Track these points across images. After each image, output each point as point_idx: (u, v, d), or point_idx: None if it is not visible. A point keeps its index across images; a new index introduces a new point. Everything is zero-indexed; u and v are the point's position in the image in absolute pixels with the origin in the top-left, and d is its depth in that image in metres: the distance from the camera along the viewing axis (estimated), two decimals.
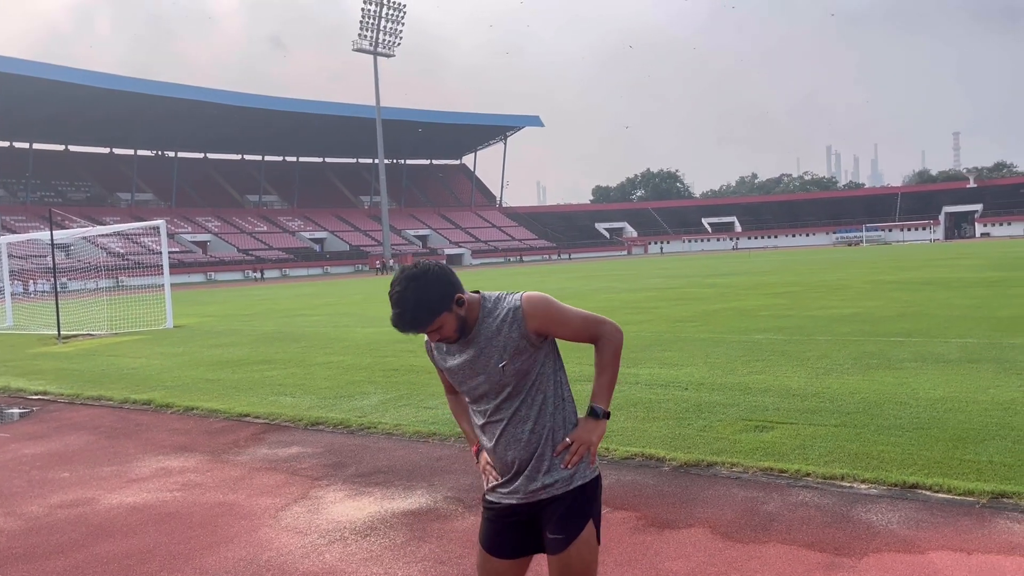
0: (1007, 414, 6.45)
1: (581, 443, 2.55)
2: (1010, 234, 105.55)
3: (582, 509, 2.55)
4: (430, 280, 2.44)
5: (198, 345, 15.67)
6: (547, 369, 2.58)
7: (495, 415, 2.57)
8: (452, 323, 2.48)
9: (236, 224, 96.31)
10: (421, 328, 2.44)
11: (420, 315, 2.42)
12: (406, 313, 2.42)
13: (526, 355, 2.52)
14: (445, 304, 2.45)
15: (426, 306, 2.42)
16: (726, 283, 27.95)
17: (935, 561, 3.87)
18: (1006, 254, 41.85)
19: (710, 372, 9.20)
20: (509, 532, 2.64)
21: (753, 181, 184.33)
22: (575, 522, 2.54)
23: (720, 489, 5.15)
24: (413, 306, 2.41)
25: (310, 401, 8.93)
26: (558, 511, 2.54)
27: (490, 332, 2.52)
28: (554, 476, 2.54)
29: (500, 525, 2.65)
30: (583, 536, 2.53)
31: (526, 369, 2.52)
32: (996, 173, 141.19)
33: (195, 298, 38.73)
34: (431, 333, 2.49)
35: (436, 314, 2.43)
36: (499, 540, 2.65)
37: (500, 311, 2.53)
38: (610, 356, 2.62)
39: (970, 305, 15.40)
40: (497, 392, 2.55)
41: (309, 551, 4.48)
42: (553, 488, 2.54)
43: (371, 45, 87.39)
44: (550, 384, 2.58)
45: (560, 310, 2.54)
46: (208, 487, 5.88)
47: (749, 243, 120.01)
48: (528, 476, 2.56)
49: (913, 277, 25.74)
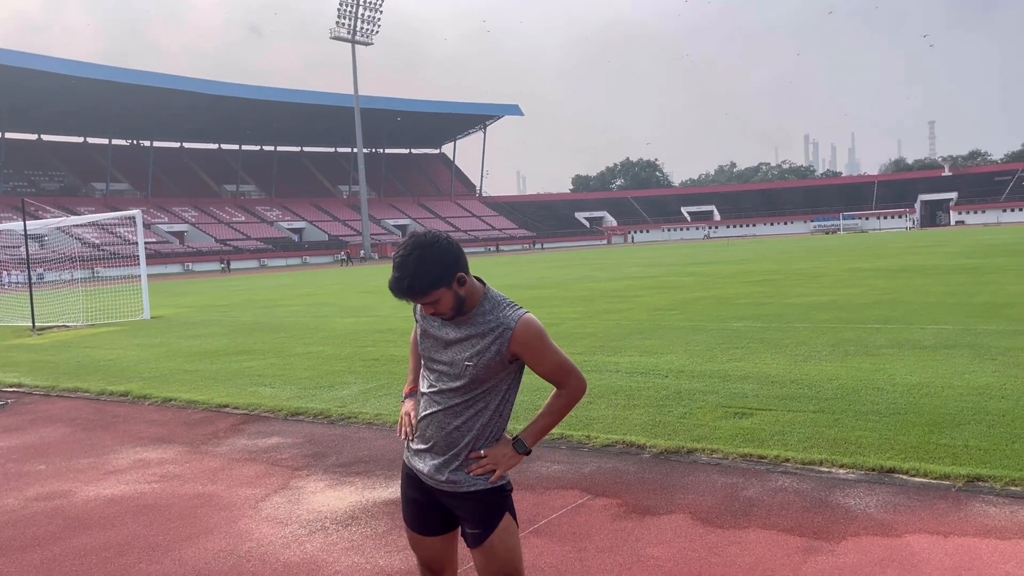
0: (982, 399, 6.53)
1: (492, 461, 2.56)
2: (984, 222, 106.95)
3: (496, 504, 2.57)
4: (437, 251, 2.39)
5: (176, 336, 15.53)
6: (501, 387, 2.58)
7: (438, 396, 2.57)
8: (449, 300, 2.44)
9: (213, 214, 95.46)
10: (417, 297, 2.41)
11: (419, 284, 2.37)
12: (405, 279, 2.37)
13: (494, 369, 2.52)
14: (447, 279, 2.40)
15: (427, 276, 2.37)
16: (705, 271, 28.10)
17: (912, 544, 3.91)
18: (980, 241, 42.39)
19: (690, 360, 9.25)
20: (425, 510, 2.67)
21: (732, 170, 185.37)
22: (491, 519, 2.56)
23: (700, 475, 5.18)
24: (414, 273, 2.36)
25: (290, 391, 8.88)
26: (471, 508, 2.56)
27: (477, 330, 2.50)
28: (460, 476, 2.56)
29: (416, 501, 2.68)
30: (501, 525, 2.55)
31: (483, 377, 2.52)
32: (971, 161, 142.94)
33: (172, 289, 38.38)
34: (425, 305, 2.46)
35: (435, 287, 2.40)
36: (419, 517, 2.70)
37: (495, 319, 2.50)
38: (562, 405, 2.64)
39: (945, 292, 15.58)
40: (449, 379, 2.55)
41: (290, 541, 4.46)
42: (457, 486, 2.56)
43: (349, 33, 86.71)
44: (496, 400, 2.58)
45: (545, 348, 2.53)
46: (187, 478, 5.84)
47: (728, 232, 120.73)
48: (437, 465, 2.58)
49: (889, 265, 26.00)
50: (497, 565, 2.56)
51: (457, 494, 2.56)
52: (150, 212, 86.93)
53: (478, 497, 2.55)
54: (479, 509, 2.56)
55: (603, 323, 13.38)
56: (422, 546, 2.72)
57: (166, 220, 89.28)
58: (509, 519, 2.58)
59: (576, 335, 11.89)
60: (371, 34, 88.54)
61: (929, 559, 3.73)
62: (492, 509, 2.57)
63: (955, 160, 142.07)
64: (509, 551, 2.56)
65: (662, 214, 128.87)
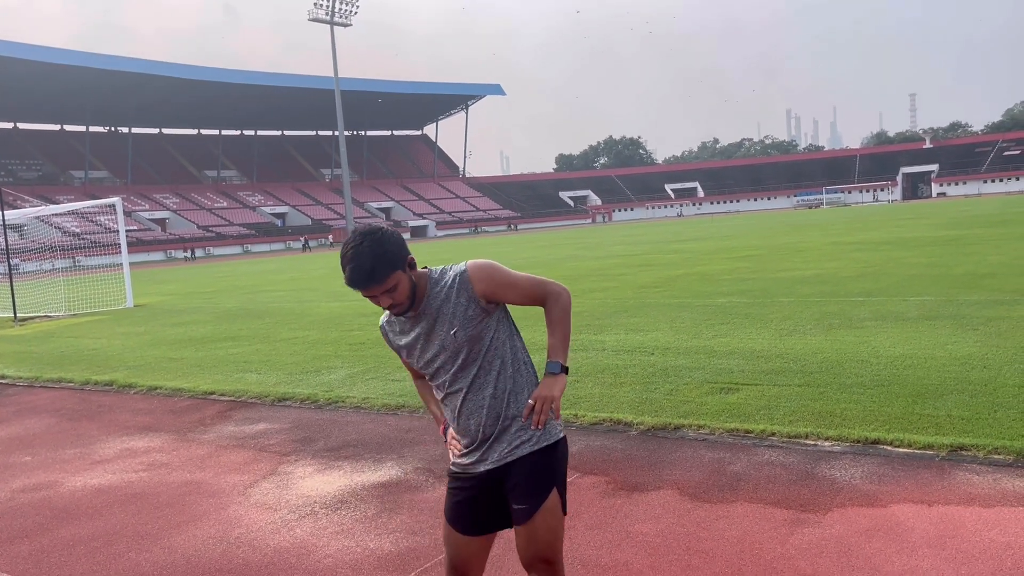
0: (964, 369, 6.60)
1: (544, 400, 2.53)
2: (965, 193, 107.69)
3: (546, 477, 2.54)
4: (385, 237, 2.45)
5: (160, 324, 15.43)
6: (501, 334, 2.57)
7: (454, 385, 2.56)
8: (405, 285, 2.46)
9: (195, 200, 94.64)
10: (378, 281, 2.40)
11: (378, 267, 2.39)
12: (364, 265, 2.39)
13: (477, 320, 2.51)
14: (400, 262, 2.44)
15: (383, 259, 2.40)
16: (689, 248, 28.17)
17: (897, 514, 3.96)
18: (961, 213, 42.69)
19: (676, 336, 9.28)
20: (474, 506, 2.62)
21: (715, 146, 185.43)
22: (539, 491, 2.53)
23: (687, 451, 5.21)
24: (370, 258, 2.39)
25: (276, 377, 8.85)
26: (521, 479, 2.52)
27: (439, 302, 2.51)
28: (520, 437, 2.54)
29: (465, 498, 2.63)
30: (547, 504, 2.52)
31: (478, 335, 2.51)
32: (951, 133, 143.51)
33: (155, 276, 38.12)
34: (383, 296, 2.45)
35: (392, 268, 2.41)
36: (465, 515, 2.64)
37: (446, 280, 2.53)
38: (559, 313, 2.61)
39: (927, 264, 15.70)
40: (453, 360, 2.53)
41: (279, 526, 4.46)
42: (519, 449, 2.53)
43: (327, 14, 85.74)
44: (506, 348, 2.57)
45: (506, 273, 2.55)
46: (174, 466, 5.82)
47: (712, 208, 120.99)
48: (494, 441, 2.55)
49: (872, 238, 26.16)
50: (537, 547, 2.52)
51: (517, 460, 2.52)
52: (130, 200, 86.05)
53: (532, 465, 2.52)
54: (531, 475, 2.51)
55: (589, 302, 13.39)
56: (460, 545, 2.66)
57: (147, 207, 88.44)
58: (556, 498, 2.54)
59: None
60: (350, 15, 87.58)
61: (914, 528, 3.78)
62: (543, 477, 2.53)
63: (936, 132, 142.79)
64: (551, 532, 2.53)
65: (646, 192, 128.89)
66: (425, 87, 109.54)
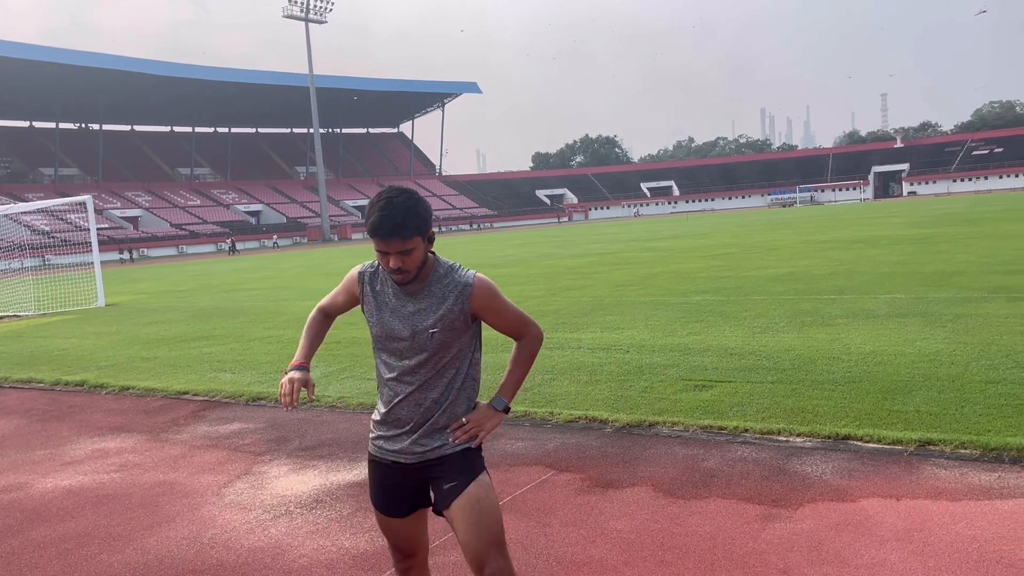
0: (932, 365, 6.71)
1: (475, 425, 2.58)
2: (935, 192, 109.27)
3: (471, 463, 2.57)
4: (419, 199, 2.46)
5: (132, 323, 15.26)
6: (467, 348, 2.59)
7: (407, 376, 2.55)
8: (420, 253, 2.46)
9: (168, 198, 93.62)
10: (402, 236, 2.39)
11: (408, 222, 2.39)
12: (396, 216, 2.38)
13: (456, 332, 2.53)
14: (425, 228, 2.45)
15: (414, 218, 2.41)
16: (665, 247, 28.34)
17: (866, 508, 4.02)
18: (931, 211, 43.30)
19: (651, 334, 9.34)
20: (398, 491, 2.64)
21: (690, 145, 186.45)
22: (467, 472, 2.54)
23: (662, 448, 5.25)
24: (403, 212, 2.39)
25: (251, 376, 8.80)
26: (447, 469, 2.54)
27: (434, 296, 2.52)
28: (441, 440, 2.56)
29: (389, 483, 2.65)
30: (479, 479, 2.54)
31: (449, 342, 2.53)
32: (921, 133, 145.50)
33: (128, 275, 37.67)
34: (396, 256, 2.42)
35: (418, 232, 2.42)
36: (390, 500, 2.66)
37: (451, 280, 2.53)
38: (527, 355, 2.69)
39: (898, 262, 15.92)
40: (414, 354, 2.53)
41: (254, 526, 4.44)
42: (440, 449, 2.55)
43: (302, 11, 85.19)
44: (465, 362, 2.60)
45: (503, 301, 2.59)
46: (147, 467, 5.77)
47: (687, 207, 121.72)
48: (417, 438, 2.56)
49: (844, 236, 26.46)
50: (483, 527, 2.46)
51: (438, 459, 2.54)
52: (101, 197, 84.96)
53: (456, 457, 2.54)
54: (456, 462, 2.54)
55: (565, 300, 13.44)
56: (393, 527, 2.70)
57: (119, 205, 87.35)
58: (487, 476, 2.58)
59: (538, 313, 11.93)
60: (324, 12, 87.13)
61: (882, 522, 3.84)
62: (469, 461, 2.56)
63: (907, 132, 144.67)
64: (493, 511, 2.50)
65: (622, 190, 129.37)
66: (401, 85, 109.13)
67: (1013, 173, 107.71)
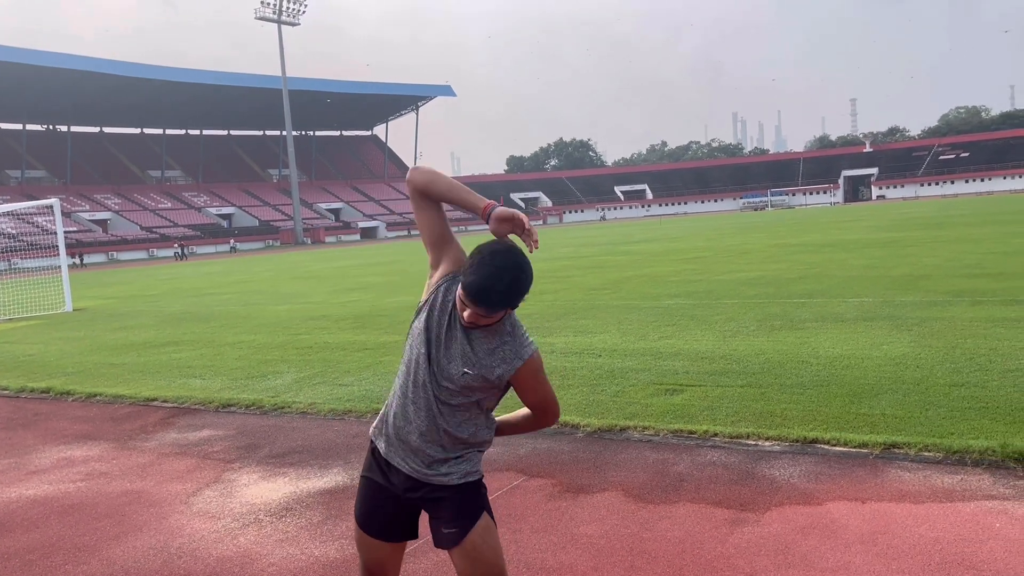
0: (899, 369, 6.81)
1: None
2: (903, 196, 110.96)
3: (474, 502, 2.50)
4: (530, 273, 2.35)
5: (100, 328, 15.06)
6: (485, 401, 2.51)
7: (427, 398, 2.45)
8: (501, 318, 2.41)
9: (138, 201, 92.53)
10: (497, 310, 2.30)
11: (510, 300, 2.31)
12: (507, 293, 2.28)
13: (485, 389, 2.45)
14: (518, 302, 2.37)
15: (520, 296, 2.33)
16: (638, 251, 28.50)
17: (832, 511, 4.08)
18: (899, 215, 43.96)
19: (623, 338, 9.39)
20: (388, 513, 2.58)
21: (663, 149, 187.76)
22: (470, 510, 2.48)
23: (632, 452, 5.29)
24: (517, 292, 2.31)
25: (221, 382, 8.72)
26: (449, 506, 2.48)
27: (490, 345, 2.42)
28: (455, 469, 2.49)
29: (381, 504, 2.58)
30: (481, 523, 2.48)
31: (475, 387, 2.43)
32: (890, 138, 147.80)
33: (96, 279, 37.16)
34: (482, 317, 2.33)
35: (513, 306, 2.36)
36: (378, 520, 2.59)
37: (510, 342, 2.43)
38: (532, 427, 2.71)
39: (866, 265, 16.14)
40: (446, 381, 2.43)
41: (223, 535, 4.40)
42: (445, 478, 2.47)
43: (275, 13, 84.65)
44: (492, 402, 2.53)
45: (539, 383, 2.52)
46: (114, 476, 5.69)
47: (661, 210, 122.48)
48: (431, 462, 2.48)
49: (814, 240, 26.78)
50: (482, 569, 2.45)
51: (439, 487, 2.47)
52: (70, 200, 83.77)
53: (458, 494, 2.48)
54: (457, 503, 2.47)
55: (538, 304, 13.47)
56: (372, 549, 2.62)
57: (87, 208, 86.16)
58: (488, 518, 2.51)
59: None
60: (298, 14, 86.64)
61: (848, 525, 3.90)
62: (470, 503, 2.49)
63: (875, 136, 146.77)
64: (493, 551, 2.47)
65: (596, 194, 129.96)
66: (374, 87, 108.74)
67: (978, 178, 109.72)
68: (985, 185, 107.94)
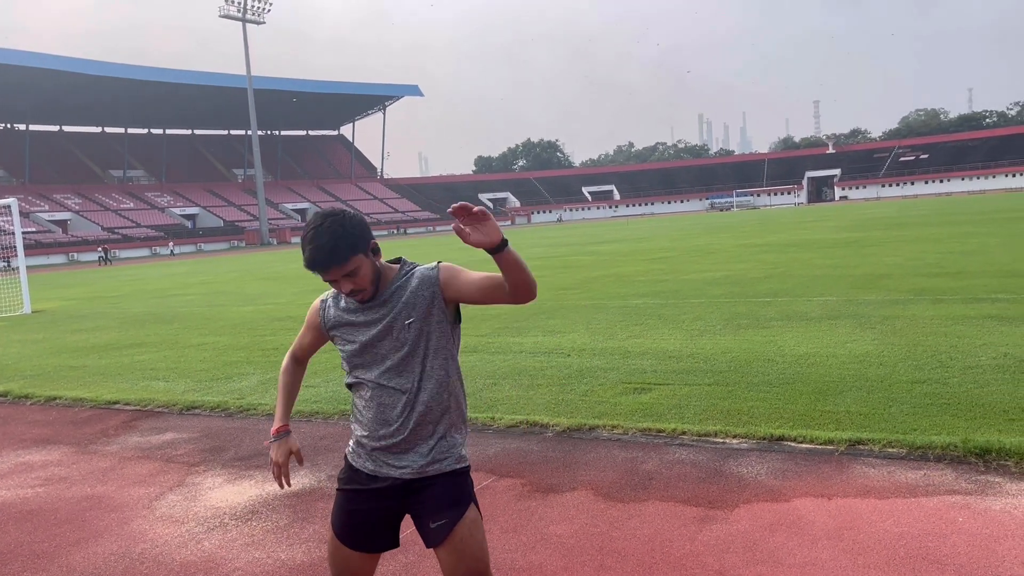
0: (862, 366, 6.91)
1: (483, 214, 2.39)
2: (865, 196, 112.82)
3: (459, 493, 2.48)
4: (347, 218, 2.36)
5: (60, 330, 14.75)
6: (449, 347, 2.50)
7: (391, 380, 2.45)
8: (368, 270, 2.38)
9: (99, 201, 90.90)
10: (338, 262, 2.31)
11: (339, 247, 2.30)
12: (326, 245, 2.30)
13: (433, 319, 2.44)
14: (363, 244, 2.36)
15: (347, 239, 2.32)
16: (606, 250, 28.62)
17: (799, 508, 4.11)
18: (861, 216, 44.67)
19: (591, 338, 9.41)
20: (368, 522, 2.54)
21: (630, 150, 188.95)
22: (458, 502, 2.46)
23: (602, 451, 5.29)
24: (331, 238, 2.30)
25: (185, 385, 8.58)
26: (435, 499, 2.45)
27: (401, 293, 2.44)
28: (436, 455, 2.47)
29: (360, 513, 2.54)
30: (468, 515, 2.45)
31: (430, 331, 2.44)
32: (852, 139, 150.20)
33: (56, 280, 36.45)
34: (345, 280, 2.36)
35: (356, 250, 2.34)
36: (358, 531, 2.55)
37: (412, 274, 2.48)
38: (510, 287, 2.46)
39: (830, 265, 16.37)
40: (396, 351, 2.43)
41: (186, 540, 4.32)
42: (432, 467, 2.46)
43: (239, 11, 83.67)
44: (450, 362, 2.50)
45: (468, 271, 2.50)
46: (74, 480, 5.57)
47: (628, 210, 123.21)
48: (406, 450, 2.47)
49: (778, 240, 27.10)
50: (468, 564, 2.41)
51: (427, 480, 2.44)
52: (28, 200, 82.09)
53: (445, 485, 2.44)
54: (445, 494, 2.44)
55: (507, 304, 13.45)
56: (349, 559, 2.56)
57: (46, 208, 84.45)
58: (475, 510, 2.48)
59: (481, 317, 11.93)
60: (262, 12, 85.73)
61: (814, 521, 3.93)
62: (458, 494, 2.45)
63: (838, 138, 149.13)
64: (479, 546, 2.44)
65: (564, 194, 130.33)
66: (341, 87, 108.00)
67: (937, 179, 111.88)
68: (944, 186, 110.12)
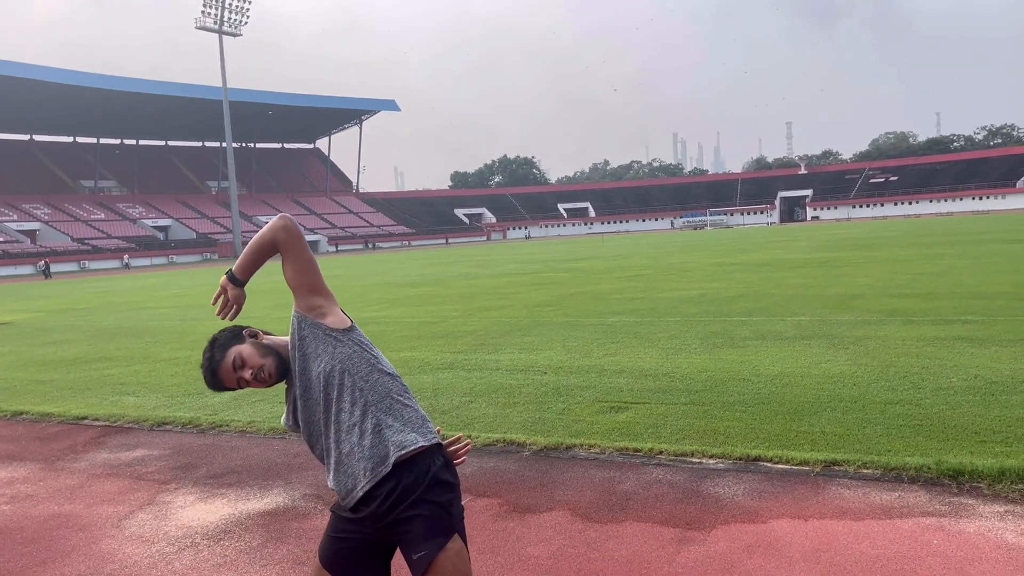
0: (836, 386, 6.96)
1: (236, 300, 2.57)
2: (836, 217, 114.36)
3: (445, 524, 2.39)
4: (214, 339, 2.57)
5: (27, 343, 14.48)
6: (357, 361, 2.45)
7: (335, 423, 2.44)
8: (255, 353, 2.48)
9: (69, 211, 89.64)
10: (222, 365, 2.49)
11: (214, 372, 2.51)
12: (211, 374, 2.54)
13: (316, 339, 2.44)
14: (231, 340, 2.53)
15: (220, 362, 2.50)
16: (581, 268, 28.70)
17: (775, 529, 4.12)
18: (833, 236, 45.23)
19: (568, 356, 9.41)
20: (357, 553, 2.50)
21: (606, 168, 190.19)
22: (440, 536, 2.37)
23: (579, 471, 5.27)
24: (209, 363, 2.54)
25: (156, 400, 8.45)
26: (418, 529, 2.37)
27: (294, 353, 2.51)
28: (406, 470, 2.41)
29: (349, 544, 2.50)
30: (450, 547, 2.36)
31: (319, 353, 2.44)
32: (824, 160, 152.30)
33: (24, 292, 35.84)
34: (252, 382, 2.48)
35: (224, 352, 2.50)
36: (346, 561, 2.50)
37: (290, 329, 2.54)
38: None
39: (803, 284, 16.53)
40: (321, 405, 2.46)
41: (157, 560, 4.24)
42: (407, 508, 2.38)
43: (216, 23, 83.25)
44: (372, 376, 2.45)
45: None
46: (40, 498, 5.45)
47: (603, 228, 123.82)
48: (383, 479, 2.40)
49: (752, 259, 27.34)
50: None
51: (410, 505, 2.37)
52: None
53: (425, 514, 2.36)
54: (428, 524, 2.36)
55: (483, 320, 13.43)
56: None
57: (15, 218, 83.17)
58: (459, 541, 2.40)
59: (457, 333, 11.88)
60: (239, 25, 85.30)
61: (791, 542, 3.94)
62: (442, 524, 2.37)
63: (810, 159, 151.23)
64: None
65: (540, 211, 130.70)
66: (318, 100, 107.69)
67: (906, 201, 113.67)
68: (912, 208, 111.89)
